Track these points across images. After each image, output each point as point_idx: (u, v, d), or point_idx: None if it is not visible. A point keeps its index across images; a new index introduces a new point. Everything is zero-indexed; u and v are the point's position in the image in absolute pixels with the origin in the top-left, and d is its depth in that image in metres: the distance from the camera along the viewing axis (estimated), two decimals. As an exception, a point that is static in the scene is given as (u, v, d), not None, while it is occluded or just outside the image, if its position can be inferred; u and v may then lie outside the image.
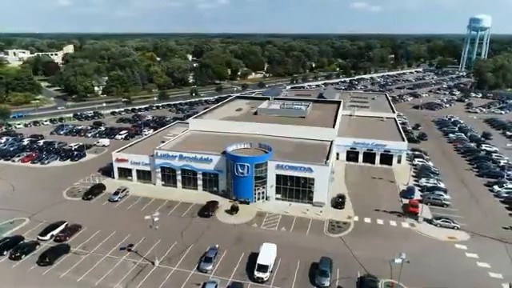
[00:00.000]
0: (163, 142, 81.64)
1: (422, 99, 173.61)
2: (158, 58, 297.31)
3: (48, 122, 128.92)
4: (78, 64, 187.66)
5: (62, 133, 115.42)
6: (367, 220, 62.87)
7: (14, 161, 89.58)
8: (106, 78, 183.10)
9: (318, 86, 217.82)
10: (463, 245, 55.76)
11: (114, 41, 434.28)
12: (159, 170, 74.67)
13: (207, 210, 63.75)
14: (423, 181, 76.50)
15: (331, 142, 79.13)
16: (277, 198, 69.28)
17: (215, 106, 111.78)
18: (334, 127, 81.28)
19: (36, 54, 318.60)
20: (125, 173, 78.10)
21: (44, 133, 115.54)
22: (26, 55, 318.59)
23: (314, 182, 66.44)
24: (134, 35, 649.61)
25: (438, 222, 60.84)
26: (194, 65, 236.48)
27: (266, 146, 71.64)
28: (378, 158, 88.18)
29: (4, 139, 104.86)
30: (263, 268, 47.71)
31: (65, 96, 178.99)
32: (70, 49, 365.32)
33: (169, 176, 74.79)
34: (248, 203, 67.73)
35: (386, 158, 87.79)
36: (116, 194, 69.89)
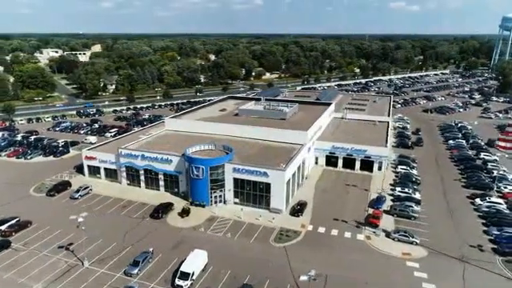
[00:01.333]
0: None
1: (435, 103, 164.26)
2: (179, 58, 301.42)
3: (49, 119, 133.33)
4: (90, 63, 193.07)
5: (57, 129, 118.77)
6: (321, 230, 59.29)
7: (0, 155, 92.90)
8: (116, 76, 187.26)
9: (329, 87, 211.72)
10: (416, 262, 51.10)
11: (144, 41, 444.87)
12: (124, 169, 74.54)
13: (157, 212, 62.60)
14: (398, 190, 71.44)
15: (301, 145, 75.78)
16: (235, 203, 66.99)
17: (201, 105, 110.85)
18: (307, 130, 77.64)
19: (65, 53, 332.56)
20: (94, 171, 78.66)
21: (41, 129, 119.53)
22: (58, 54, 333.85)
23: (271, 187, 63.62)
24: (169, 35, 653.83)
25: (396, 235, 56.25)
26: (208, 64, 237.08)
27: (228, 148, 69.53)
28: (357, 164, 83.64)
29: (0, 134, 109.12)
30: (185, 276, 45.80)
31: (78, 93, 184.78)
32: (97, 48, 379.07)
33: (133, 175, 74.46)
34: (204, 206, 65.96)
35: (367, 164, 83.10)
36: (77, 191, 70.40)
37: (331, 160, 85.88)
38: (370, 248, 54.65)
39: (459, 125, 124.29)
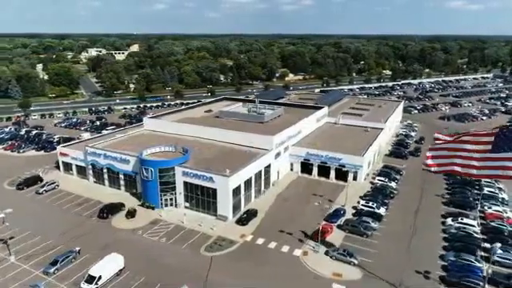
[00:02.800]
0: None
1: (458, 109, 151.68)
2: (212, 58, 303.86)
3: (61, 115, 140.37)
4: (110, 62, 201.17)
5: (63, 125, 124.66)
6: (260, 241, 56.25)
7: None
8: (136, 75, 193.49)
9: (351, 89, 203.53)
10: (343, 285, 46.64)
11: (185, 40, 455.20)
12: (90, 166, 76.04)
13: (103, 211, 62.92)
14: (361, 203, 66.19)
15: (267, 150, 72.78)
16: (185, 207, 65.69)
17: (189, 106, 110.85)
18: (273, 135, 74.36)
19: (103, 52, 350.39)
20: (68, 167, 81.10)
21: (50, 124, 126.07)
22: (97, 53, 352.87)
23: (217, 193, 61.55)
24: (217, 36, 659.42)
25: (334, 253, 51.87)
26: (230, 65, 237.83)
27: (185, 150, 68.41)
28: (332, 173, 78.85)
29: (8, 128, 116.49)
30: (91, 279, 45.30)
31: (100, 91, 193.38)
32: (135, 48, 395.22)
33: (98, 174, 75.74)
34: (153, 208, 65.36)
35: (342, 174, 78.08)
36: (43, 186, 72.88)
37: (308, 167, 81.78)
38: (302, 264, 50.84)
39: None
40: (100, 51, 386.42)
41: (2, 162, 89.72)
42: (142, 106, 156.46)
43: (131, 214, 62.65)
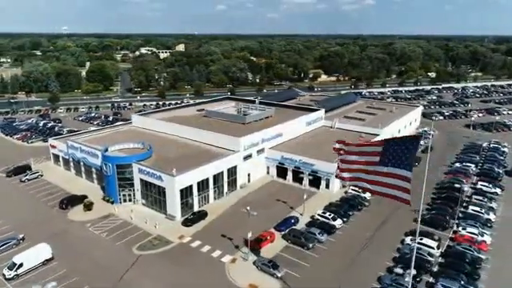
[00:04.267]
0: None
1: (493, 117, 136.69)
2: (253, 58, 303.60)
3: (85, 109, 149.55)
4: (140, 60, 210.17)
5: (80, 119, 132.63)
6: (195, 244, 55.24)
7: (12, 137, 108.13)
8: (164, 74, 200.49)
9: (382, 93, 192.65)
10: (253, 298, 44.14)
11: (232, 40, 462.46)
12: (71, 159, 79.97)
13: (62, 202, 65.77)
14: (318, 213, 62.22)
15: (233, 152, 71.34)
16: (143, 204, 66.59)
17: (185, 104, 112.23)
18: (240, 137, 72.52)
19: (147, 51, 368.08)
20: (56, 159, 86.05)
21: (69, 118, 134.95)
22: (145, 52, 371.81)
23: (166, 192, 61.51)
24: (274, 36, 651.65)
25: (259, 264, 49.28)
26: (261, 65, 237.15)
27: (149, 148, 69.32)
28: (306, 179, 75.06)
29: (30, 120, 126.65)
30: (13, 265, 47.54)
31: (130, 88, 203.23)
32: (181, 47, 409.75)
33: (77, 166, 79.40)
34: (112, 203, 67.03)
35: (316, 180, 74.05)
36: (26, 175, 78.09)
37: (284, 172, 78.70)
38: (223, 272, 48.94)
39: (490, 145, 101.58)
40: (149, 50, 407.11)
41: (9, 151, 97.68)
42: (161, 103, 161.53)
43: (88, 207, 64.76)
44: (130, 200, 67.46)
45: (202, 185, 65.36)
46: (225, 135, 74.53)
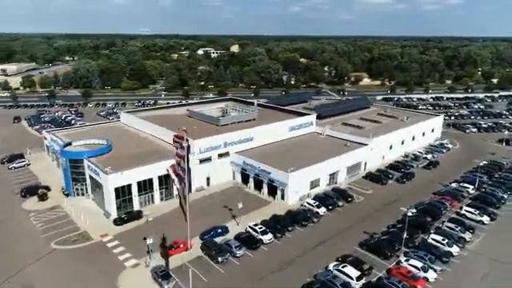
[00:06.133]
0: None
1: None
2: (303, 59, 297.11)
3: (111, 105, 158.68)
4: (179, 60, 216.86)
5: (101, 114, 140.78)
6: (111, 244, 54.74)
7: (32, 127, 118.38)
8: (198, 73, 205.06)
9: (421, 99, 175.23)
10: (125, 308, 42.14)
11: (294, 42, 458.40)
12: (52, 151, 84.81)
13: (22, 191, 69.73)
14: (249, 225, 57.77)
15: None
16: (92, 199, 68.06)
17: (179, 104, 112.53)
18: (194, 140, 70.30)
19: (201, 52, 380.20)
20: (48, 149, 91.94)
21: (93, 113, 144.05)
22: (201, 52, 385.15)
23: (103, 189, 62.02)
24: (348, 38, 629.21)
25: (153, 272, 46.98)
26: (299, 67, 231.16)
27: (108, 144, 70.78)
28: (265, 187, 70.66)
29: (57, 113, 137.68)
30: None
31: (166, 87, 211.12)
32: (235, 48, 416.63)
33: (57, 158, 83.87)
34: (67, 195, 69.46)
35: (273, 189, 69.33)
36: (13, 163, 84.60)
37: (248, 178, 74.97)
38: (115, 276, 47.49)
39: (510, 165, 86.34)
40: (207, 51, 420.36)
41: (20, 140, 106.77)
42: (183, 101, 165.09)
43: (41, 197, 67.84)
44: (82, 194, 69.37)
45: (145, 185, 64.77)
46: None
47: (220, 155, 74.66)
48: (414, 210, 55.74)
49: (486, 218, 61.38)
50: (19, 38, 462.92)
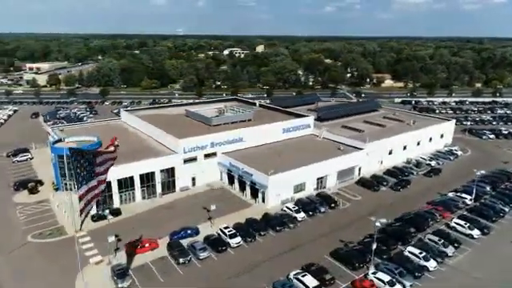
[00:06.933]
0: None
1: None
2: (328, 60, 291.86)
3: (127, 103, 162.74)
4: (197, 59, 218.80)
5: (114, 112, 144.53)
6: (83, 240, 55.75)
7: (47, 123, 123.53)
8: (216, 73, 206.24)
9: (444, 103, 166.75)
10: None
11: (318, 42, 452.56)
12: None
13: (15, 185, 72.56)
14: (221, 228, 56.76)
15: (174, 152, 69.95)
16: (78, 194, 69.56)
17: (178, 103, 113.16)
18: (180, 139, 70.23)
19: (226, 52, 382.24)
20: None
21: (108, 110, 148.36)
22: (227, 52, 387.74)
23: (83, 185, 63.09)
24: (384, 38, 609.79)
25: (112, 270, 47.15)
26: (319, 67, 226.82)
27: (97, 142, 72.27)
28: (248, 189, 69.49)
29: (73, 110, 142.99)
30: None
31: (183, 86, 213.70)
32: (260, 48, 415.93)
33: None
34: (57, 190, 71.55)
35: (255, 192, 68.03)
36: (17, 156, 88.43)
37: (233, 179, 74.15)
38: (77, 271, 48.07)
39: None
40: (232, 51, 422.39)
41: (31, 134, 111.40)
42: (196, 101, 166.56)
43: (31, 190, 70.32)
44: (71, 189, 71.05)
45: (125, 183, 65.50)
46: (169, 135, 73.38)
47: (206, 155, 74.25)
48: (384, 221, 52.45)
49: (476, 232, 56.98)
50: (58, 39, 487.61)
